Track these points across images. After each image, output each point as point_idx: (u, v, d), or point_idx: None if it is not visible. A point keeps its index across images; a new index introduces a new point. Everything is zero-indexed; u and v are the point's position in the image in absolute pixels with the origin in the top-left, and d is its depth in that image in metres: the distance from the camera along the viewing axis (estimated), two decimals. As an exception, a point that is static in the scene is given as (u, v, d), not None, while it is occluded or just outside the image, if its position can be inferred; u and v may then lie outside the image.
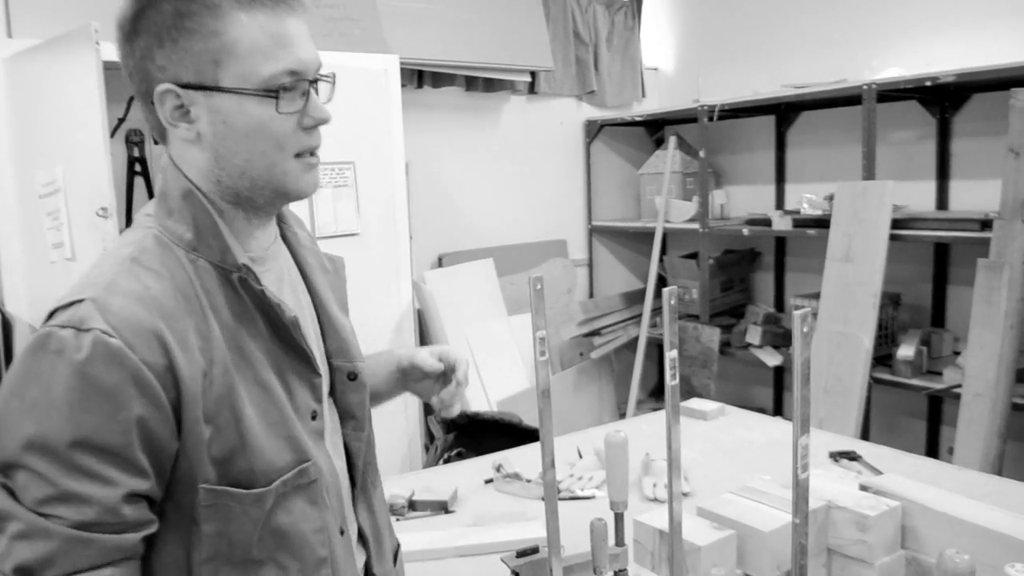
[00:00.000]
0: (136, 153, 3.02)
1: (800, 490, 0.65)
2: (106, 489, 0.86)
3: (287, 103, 0.98)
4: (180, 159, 1.01)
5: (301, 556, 1.01)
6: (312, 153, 1.03)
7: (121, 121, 2.96)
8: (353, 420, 1.17)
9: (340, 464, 1.15)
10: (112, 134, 2.79)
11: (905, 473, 1.57)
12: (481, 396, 3.67)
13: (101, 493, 0.85)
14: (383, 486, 1.29)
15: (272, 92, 0.96)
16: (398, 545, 1.30)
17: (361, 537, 1.19)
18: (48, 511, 0.85)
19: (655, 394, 4.86)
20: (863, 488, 1.40)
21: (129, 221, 2.96)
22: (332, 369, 1.16)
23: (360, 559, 1.18)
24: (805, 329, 0.61)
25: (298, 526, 1.01)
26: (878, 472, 1.87)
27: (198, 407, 0.92)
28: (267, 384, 1.00)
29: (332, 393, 1.17)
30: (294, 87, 0.98)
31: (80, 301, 0.89)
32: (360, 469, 1.17)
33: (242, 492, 0.95)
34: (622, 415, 4.39)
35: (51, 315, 0.91)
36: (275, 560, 0.99)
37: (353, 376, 1.16)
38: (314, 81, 1.01)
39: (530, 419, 3.10)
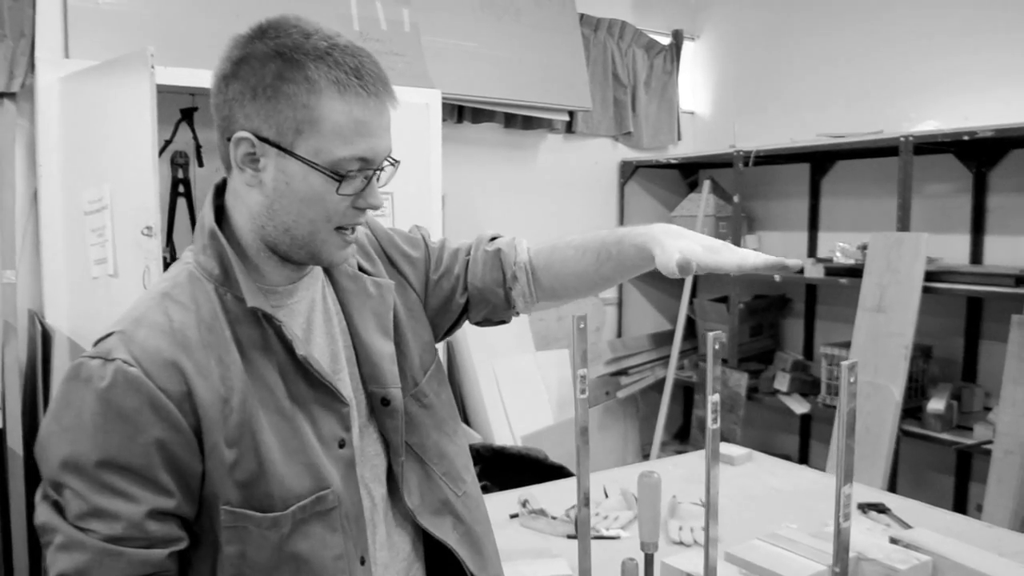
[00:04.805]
0: (180, 175, 3.09)
1: (841, 539, 0.65)
2: (131, 505, 0.92)
3: (348, 186, 1.02)
4: (237, 194, 1.06)
5: None
6: (353, 229, 1.08)
7: (168, 143, 3.04)
8: (389, 445, 1.19)
9: (379, 489, 1.17)
10: (159, 155, 2.85)
11: (934, 528, 1.56)
12: (506, 431, 3.68)
13: (126, 509, 0.92)
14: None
15: (338, 175, 1.00)
16: None
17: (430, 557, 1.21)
18: (84, 525, 0.92)
19: (679, 436, 4.83)
20: (893, 541, 1.39)
21: (171, 240, 3.02)
22: (368, 394, 1.18)
23: None
24: (852, 380, 0.63)
25: (317, 552, 1.03)
26: (907, 526, 1.85)
27: (219, 431, 0.98)
28: (288, 413, 1.04)
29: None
30: (359, 172, 1.02)
31: (111, 334, 0.99)
32: (401, 492, 1.18)
33: (259, 515, 0.99)
34: (646, 456, 4.37)
35: (94, 346, 0.99)
36: None
37: (386, 402, 1.17)
38: (380, 168, 1.05)
39: (555, 456, 3.10)
